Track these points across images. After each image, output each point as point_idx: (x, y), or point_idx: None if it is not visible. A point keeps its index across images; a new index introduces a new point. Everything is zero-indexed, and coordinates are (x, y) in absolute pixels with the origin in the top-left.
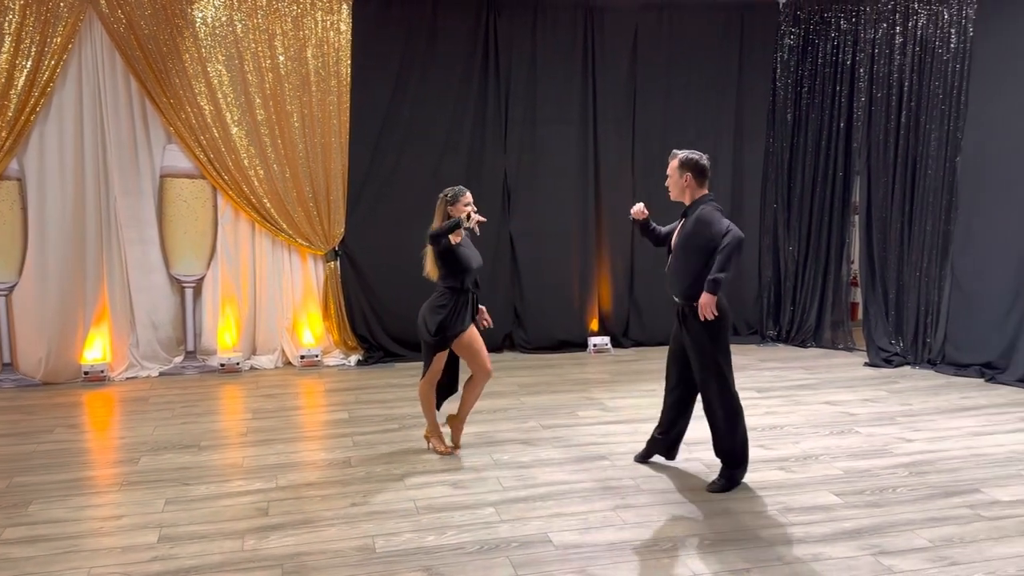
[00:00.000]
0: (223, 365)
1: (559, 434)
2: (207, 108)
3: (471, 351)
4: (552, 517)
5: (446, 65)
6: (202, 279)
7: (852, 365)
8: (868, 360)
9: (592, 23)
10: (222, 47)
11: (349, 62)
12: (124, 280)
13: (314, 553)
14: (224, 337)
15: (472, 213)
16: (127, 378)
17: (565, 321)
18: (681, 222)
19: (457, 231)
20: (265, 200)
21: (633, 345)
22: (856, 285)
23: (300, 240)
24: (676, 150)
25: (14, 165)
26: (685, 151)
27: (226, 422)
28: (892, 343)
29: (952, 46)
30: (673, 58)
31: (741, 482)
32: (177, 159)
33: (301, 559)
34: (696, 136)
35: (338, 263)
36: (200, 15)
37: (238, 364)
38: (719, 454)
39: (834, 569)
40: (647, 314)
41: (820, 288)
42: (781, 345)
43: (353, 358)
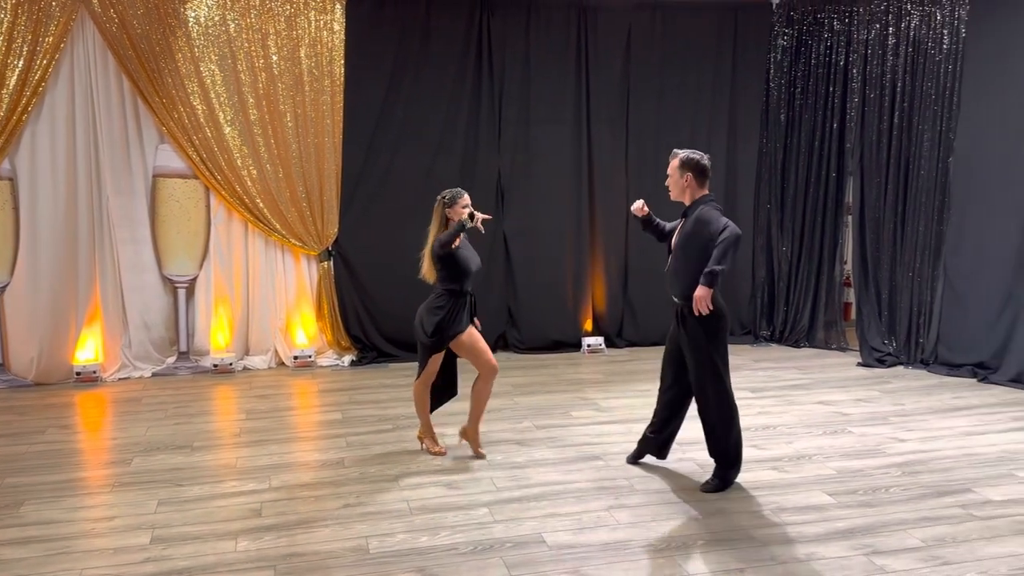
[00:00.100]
0: (216, 366)
1: (553, 434)
2: (200, 108)
3: (474, 351)
4: (546, 517)
5: (440, 65)
6: (195, 279)
7: (845, 365)
8: (861, 360)
9: (585, 23)
10: (215, 46)
11: (342, 62)
12: (116, 280)
13: (307, 554)
14: (217, 337)
15: (475, 212)
16: (119, 379)
17: (559, 321)
18: (681, 222)
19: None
20: (258, 200)
21: (627, 345)
22: (849, 285)
23: (293, 240)
24: (677, 149)
25: (6, 165)
26: (686, 151)
27: (219, 423)
28: (885, 343)
29: (944, 47)
30: (666, 58)
31: (735, 482)
32: (170, 159)
33: (294, 560)
34: (689, 136)
35: (331, 263)
36: (193, 14)
37: (231, 365)
38: (713, 454)
39: (827, 569)
40: (641, 314)
41: (813, 288)
42: (774, 345)
43: (347, 358)
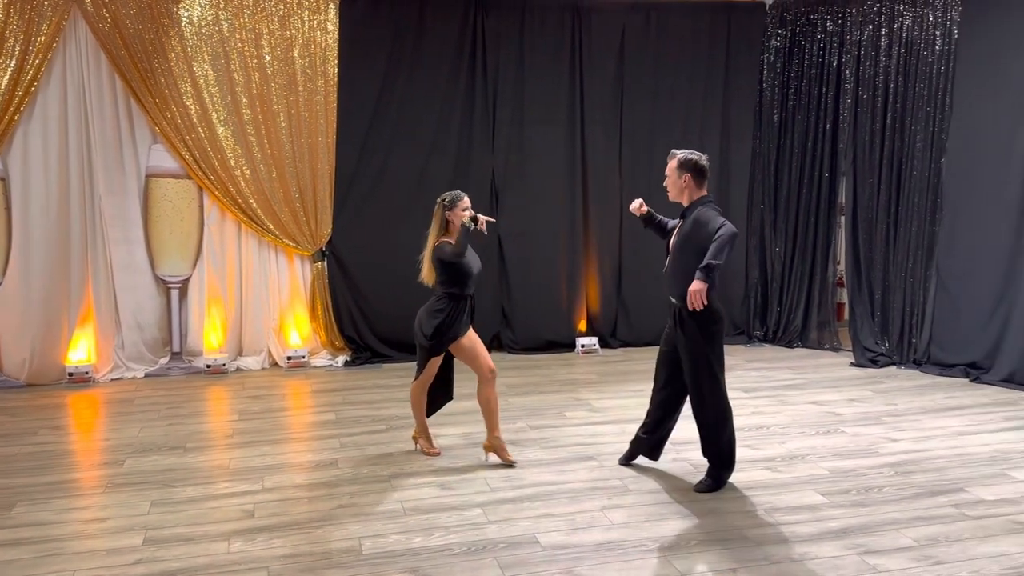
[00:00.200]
0: (209, 366)
1: (547, 435)
2: (193, 108)
3: (472, 354)
4: (540, 518)
5: (433, 65)
6: (188, 280)
7: (838, 365)
8: (854, 360)
9: (579, 24)
10: (208, 46)
11: (336, 62)
12: (109, 280)
13: (301, 555)
14: (210, 338)
15: (478, 215)
16: (112, 379)
17: (553, 322)
18: (679, 223)
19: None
20: (251, 200)
21: (621, 346)
22: (842, 285)
23: (287, 240)
24: (675, 150)
25: None
26: (684, 151)
27: (212, 424)
28: (878, 343)
29: (937, 48)
30: (660, 59)
31: (728, 482)
32: (163, 159)
33: (288, 561)
34: (683, 137)
35: (325, 263)
36: (186, 14)
37: (224, 365)
38: (707, 455)
39: (820, 568)
40: (635, 315)
41: (806, 288)
42: (768, 345)
43: (340, 359)
